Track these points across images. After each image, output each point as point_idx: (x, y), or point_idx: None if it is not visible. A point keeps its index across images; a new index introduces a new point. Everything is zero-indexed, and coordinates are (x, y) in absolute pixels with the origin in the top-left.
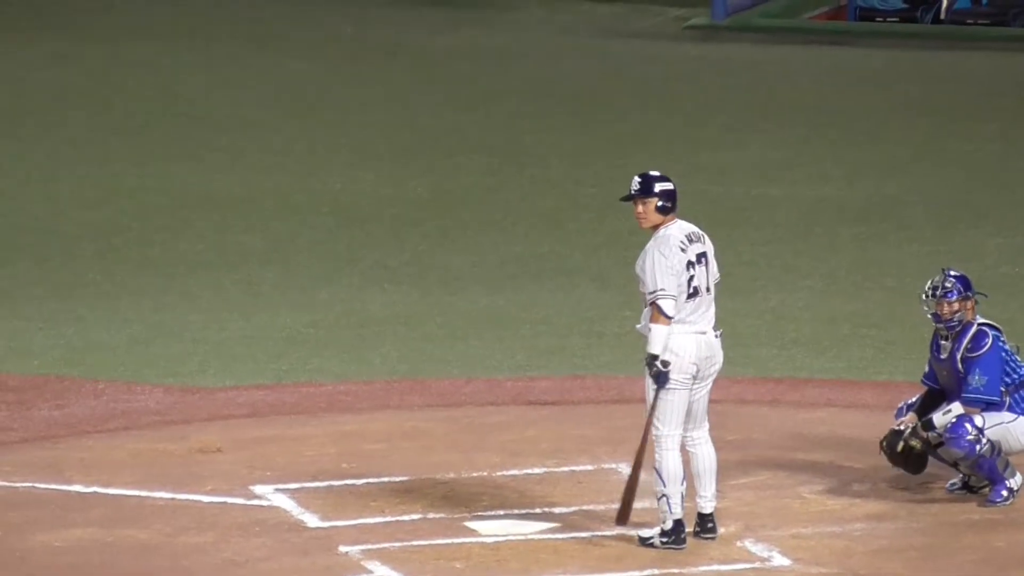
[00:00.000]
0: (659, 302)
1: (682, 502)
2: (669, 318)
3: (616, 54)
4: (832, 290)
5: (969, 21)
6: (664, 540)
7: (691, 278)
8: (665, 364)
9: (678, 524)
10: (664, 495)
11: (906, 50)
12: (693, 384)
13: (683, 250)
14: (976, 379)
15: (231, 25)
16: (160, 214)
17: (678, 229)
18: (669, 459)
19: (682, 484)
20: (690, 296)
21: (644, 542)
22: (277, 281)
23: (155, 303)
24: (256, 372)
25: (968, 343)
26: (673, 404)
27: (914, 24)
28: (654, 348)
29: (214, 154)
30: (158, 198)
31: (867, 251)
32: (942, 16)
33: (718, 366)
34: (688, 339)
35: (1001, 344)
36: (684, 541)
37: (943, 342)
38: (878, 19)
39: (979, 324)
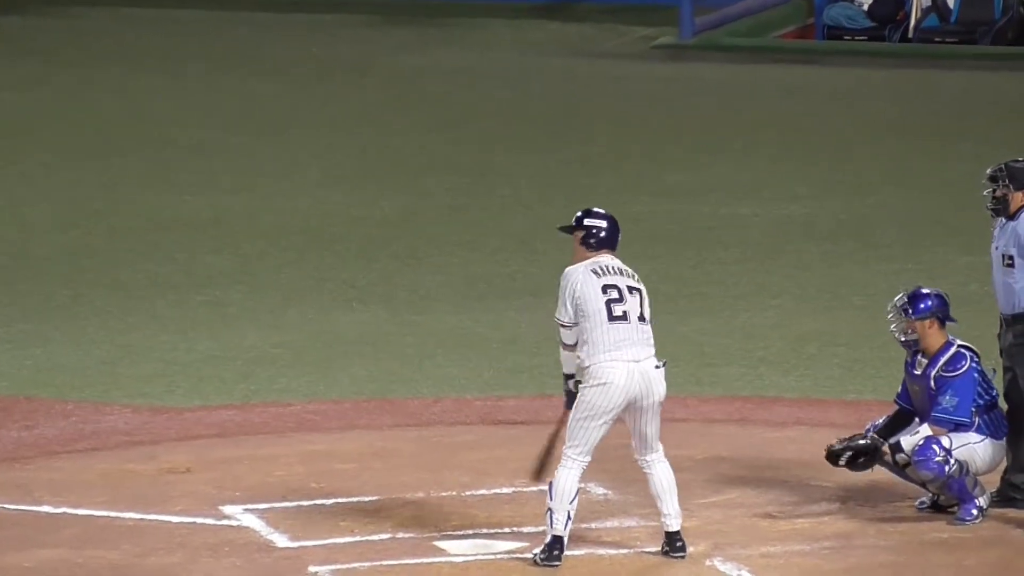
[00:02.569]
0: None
1: (567, 522)
2: (564, 345)
3: (583, 74)
4: (801, 309)
5: (937, 39)
6: (542, 556)
7: (611, 302)
8: (570, 390)
9: (555, 540)
10: (549, 509)
11: (874, 68)
12: (632, 415)
13: (597, 275)
14: (947, 399)
15: (200, 47)
16: (129, 236)
17: (602, 258)
18: (563, 477)
19: (570, 504)
20: (616, 319)
21: (533, 558)
22: (245, 301)
23: (123, 324)
24: (224, 392)
25: (944, 364)
26: (587, 431)
27: (882, 43)
28: (563, 369)
29: (183, 176)
30: (127, 220)
31: (836, 269)
32: (910, 35)
33: (656, 398)
34: (618, 368)
35: (975, 366)
36: (558, 559)
37: (920, 358)
38: (846, 38)
39: (958, 346)
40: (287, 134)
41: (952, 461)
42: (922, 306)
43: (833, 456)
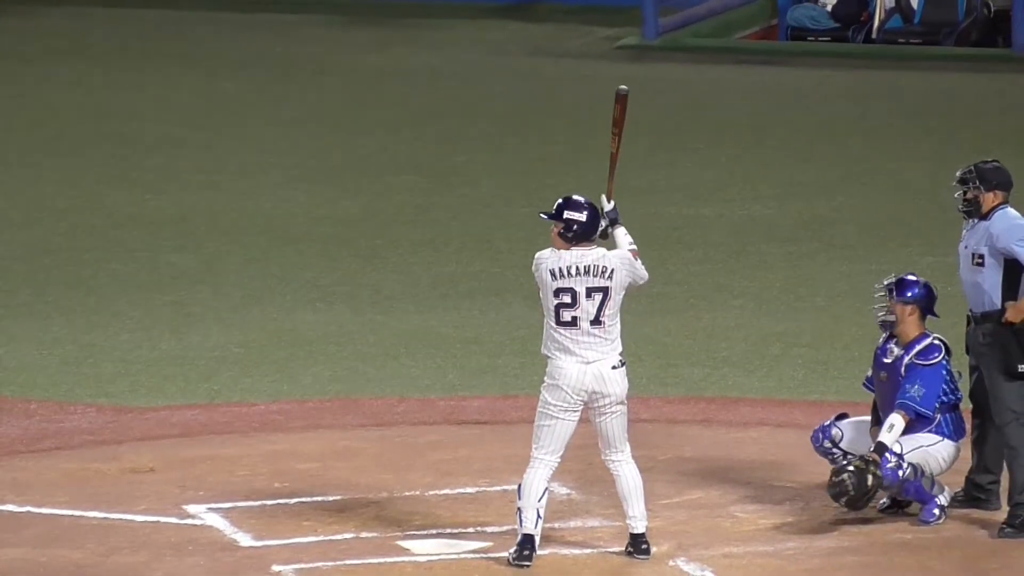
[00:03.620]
0: None
1: (536, 520)
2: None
3: (546, 74)
4: (764, 309)
5: (901, 40)
6: (513, 554)
7: (561, 307)
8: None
9: (525, 539)
10: (519, 508)
11: (838, 69)
12: (592, 415)
13: (554, 276)
14: (915, 389)
15: (161, 45)
16: (91, 234)
17: (570, 256)
18: (531, 477)
19: (539, 502)
20: (563, 324)
21: (507, 558)
22: (208, 301)
23: (86, 323)
24: (188, 392)
25: (918, 352)
26: (550, 430)
27: (846, 43)
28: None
29: (145, 174)
30: (89, 218)
31: (798, 270)
32: (874, 35)
33: (613, 399)
34: (568, 368)
35: (946, 363)
36: (527, 559)
37: (891, 346)
38: (809, 39)
39: (933, 337)
40: (248, 133)
41: (905, 465)
42: (910, 292)
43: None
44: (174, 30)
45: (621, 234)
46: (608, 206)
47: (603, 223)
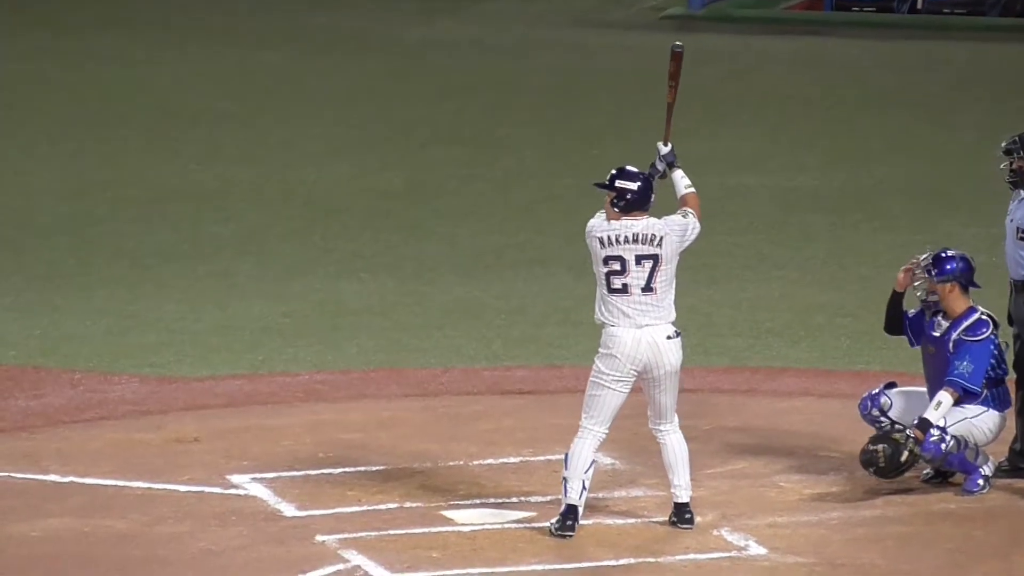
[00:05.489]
0: None
1: (581, 491)
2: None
3: (591, 45)
4: (807, 280)
5: (946, 10)
6: (555, 524)
7: (611, 274)
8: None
9: (569, 510)
10: (564, 478)
11: (882, 39)
12: (646, 384)
13: (603, 244)
14: (964, 365)
15: (204, 18)
16: (134, 206)
17: (619, 225)
18: (579, 447)
19: (585, 474)
20: (615, 291)
21: (550, 528)
22: (252, 272)
23: (130, 294)
24: (232, 362)
25: (967, 328)
26: (601, 400)
27: (891, 14)
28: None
29: (188, 146)
30: (132, 190)
31: (842, 241)
32: (919, 5)
33: (667, 369)
34: (625, 335)
35: (994, 337)
36: (570, 529)
37: (940, 320)
38: (854, 8)
39: (981, 312)
40: (292, 105)
41: (948, 438)
42: (945, 268)
43: (870, 463)
44: (217, 3)
45: (679, 176)
46: (665, 149)
47: (660, 166)
